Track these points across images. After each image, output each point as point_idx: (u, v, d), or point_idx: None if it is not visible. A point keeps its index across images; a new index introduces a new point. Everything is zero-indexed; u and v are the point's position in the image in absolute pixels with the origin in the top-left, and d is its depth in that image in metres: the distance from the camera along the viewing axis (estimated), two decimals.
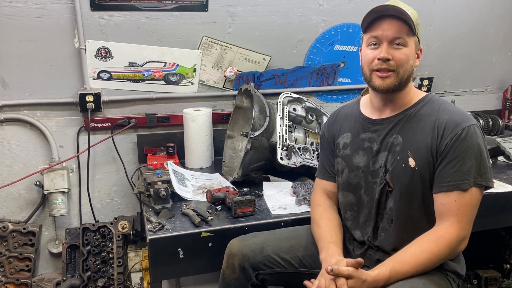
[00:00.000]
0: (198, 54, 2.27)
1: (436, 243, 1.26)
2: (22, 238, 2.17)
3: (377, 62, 1.32)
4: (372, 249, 1.43)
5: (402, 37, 1.30)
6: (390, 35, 1.30)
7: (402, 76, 1.33)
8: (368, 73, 1.37)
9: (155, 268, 1.52)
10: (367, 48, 1.36)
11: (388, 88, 1.33)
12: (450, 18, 2.61)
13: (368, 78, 1.37)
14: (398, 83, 1.33)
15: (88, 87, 2.17)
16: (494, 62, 2.87)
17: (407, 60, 1.32)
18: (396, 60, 1.31)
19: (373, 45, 1.34)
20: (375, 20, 1.32)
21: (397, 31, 1.30)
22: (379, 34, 1.31)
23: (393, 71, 1.32)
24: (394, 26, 1.30)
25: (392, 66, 1.31)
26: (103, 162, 2.30)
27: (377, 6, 1.31)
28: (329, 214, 1.52)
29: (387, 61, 1.31)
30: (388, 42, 1.31)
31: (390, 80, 1.32)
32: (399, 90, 1.36)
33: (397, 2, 1.33)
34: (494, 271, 2.35)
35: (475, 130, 1.29)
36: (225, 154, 2.18)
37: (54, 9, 2.03)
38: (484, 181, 1.28)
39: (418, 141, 1.33)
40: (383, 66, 1.32)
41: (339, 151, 1.53)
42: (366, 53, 1.36)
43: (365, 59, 1.37)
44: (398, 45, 1.31)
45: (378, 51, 1.32)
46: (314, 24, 2.39)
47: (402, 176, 1.34)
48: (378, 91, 1.38)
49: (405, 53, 1.31)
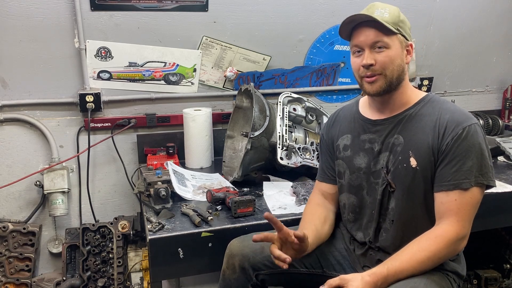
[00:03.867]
0: (198, 54, 2.27)
1: (435, 242, 1.26)
2: (22, 238, 2.17)
3: (363, 69, 1.34)
4: (373, 250, 1.43)
5: (381, 40, 1.31)
6: (368, 40, 1.31)
7: (391, 77, 1.33)
8: (359, 80, 1.39)
9: (155, 268, 1.52)
10: (353, 56, 1.38)
11: (378, 92, 1.34)
12: (450, 18, 2.60)
13: (360, 85, 1.40)
14: (388, 85, 1.34)
15: (88, 87, 2.17)
16: (494, 62, 2.87)
17: (392, 61, 1.32)
18: (379, 64, 1.32)
19: (357, 52, 1.36)
20: (353, 29, 1.35)
21: (374, 36, 1.31)
22: (359, 42, 1.34)
23: (380, 74, 1.33)
24: (371, 32, 1.31)
25: (377, 70, 1.32)
26: (103, 162, 2.30)
27: (349, 16, 1.33)
28: (313, 210, 1.53)
29: (371, 67, 1.32)
30: (369, 48, 1.32)
31: (378, 83, 1.33)
32: (394, 90, 1.36)
33: (374, 5, 1.34)
34: (494, 271, 2.35)
35: (476, 129, 1.29)
36: (225, 154, 2.18)
37: (54, 9, 2.03)
38: (485, 180, 1.28)
39: (419, 141, 1.33)
40: (368, 73, 1.33)
41: (339, 153, 1.52)
42: (353, 61, 1.39)
43: (353, 67, 1.39)
44: (380, 48, 1.31)
45: (361, 58, 1.34)
46: (314, 24, 2.39)
47: (404, 176, 1.34)
48: (370, 95, 1.40)
49: (388, 55, 1.32)
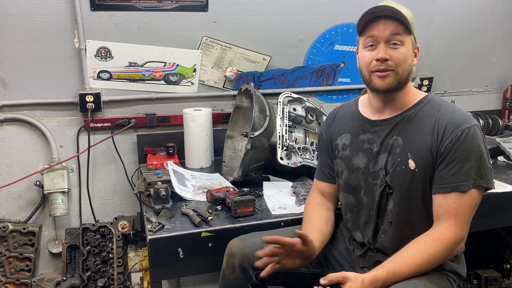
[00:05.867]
0: (198, 54, 2.27)
1: (433, 244, 1.25)
2: (22, 238, 2.17)
3: (376, 63, 1.31)
4: (372, 251, 1.43)
5: (399, 35, 1.29)
6: (386, 34, 1.29)
7: (401, 75, 1.32)
8: (367, 75, 1.35)
9: (155, 268, 1.52)
10: (364, 50, 1.35)
11: (388, 88, 1.32)
12: (450, 18, 2.61)
13: (367, 80, 1.36)
14: (398, 82, 1.32)
15: (88, 87, 2.17)
16: (494, 62, 2.87)
17: (405, 59, 1.31)
18: (394, 60, 1.30)
19: (370, 46, 1.33)
20: (370, 22, 1.31)
21: (393, 31, 1.29)
22: (375, 34, 1.31)
23: (392, 71, 1.31)
24: (390, 25, 1.29)
25: (391, 66, 1.30)
26: (103, 162, 2.30)
27: (371, 8, 1.30)
28: (315, 211, 1.52)
29: (385, 61, 1.30)
30: (385, 42, 1.30)
31: (389, 79, 1.31)
32: (399, 90, 1.35)
33: (391, 3, 1.32)
34: (494, 271, 2.35)
35: (476, 131, 1.28)
36: (225, 154, 2.18)
37: (54, 9, 2.03)
38: (484, 182, 1.27)
39: (418, 143, 1.32)
40: (381, 67, 1.31)
41: (338, 152, 1.52)
42: (363, 55, 1.35)
43: (363, 61, 1.36)
44: (395, 44, 1.30)
45: (376, 52, 1.31)
46: (314, 24, 2.38)
47: (402, 178, 1.33)
48: (378, 92, 1.36)
49: (403, 52, 1.30)
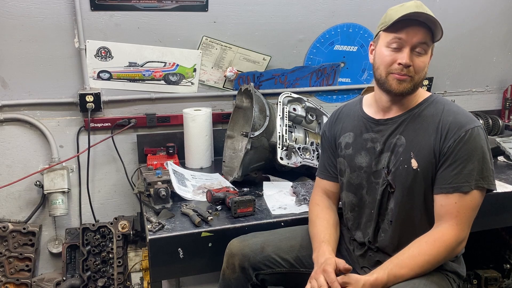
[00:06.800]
0: (198, 54, 2.27)
1: (434, 246, 1.25)
2: (22, 238, 2.17)
3: (398, 66, 1.30)
4: (372, 251, 1.43)
5: (426, 44, 1.29)
6: (414, 41, 1.28)
7: (417, 82, 1.32)
8: (384, 74, 1.33)
9: (155, 268, 1.52)
10: (387, 49, 1.32)
11: (403, 92, 1.32)
12: (450, 18, 2.60)
13: (383, 80, 1.34)
14: (412, 88, 1.33)
15: (88, 87, 2.17)
16: (494, 62, 2.87)
17: (424, 68, 1.32)
18: (415, 67, 1.30)
19: (394, 47, 1.30)
20: (402, 21, 1.28)
21: (421, 39, 1.28)
22: (403, 38, 1.28)
23: (410, 77, 1.31)
24: (420, 33, 1.28)
25: (411, 72, 1.30)
26: (103, 162, 2.30)
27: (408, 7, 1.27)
28: (325, 213, 1.51)
29: (407, 67, 1.29)
30: (410, 48, 1.29)
31: (406, 84, 1.31)
32: (410, 94, 1.36)
33: (423, 7, 1.29)
34: (494, 271, 2.34)
35: (479, 132, 1.28)
36: (225, 154, 2.18)
37: (54, 9, 2.03)
38: (486, 183, 1.27)
39: (421, 142, 1.32)
40: (403, 72, 1.30)
41: (341, 151, 1.52)
42: (384, 54, 1.32)
43: (382, 60, 1.33)
44: (419, 52, 1.29)
45: (400, 55, 1.29)
46: (314, 24, 2.38)
47: (404, 178, 1.33)
48: (390, 93, 1.35)
49: (424, 61, 1.31)
